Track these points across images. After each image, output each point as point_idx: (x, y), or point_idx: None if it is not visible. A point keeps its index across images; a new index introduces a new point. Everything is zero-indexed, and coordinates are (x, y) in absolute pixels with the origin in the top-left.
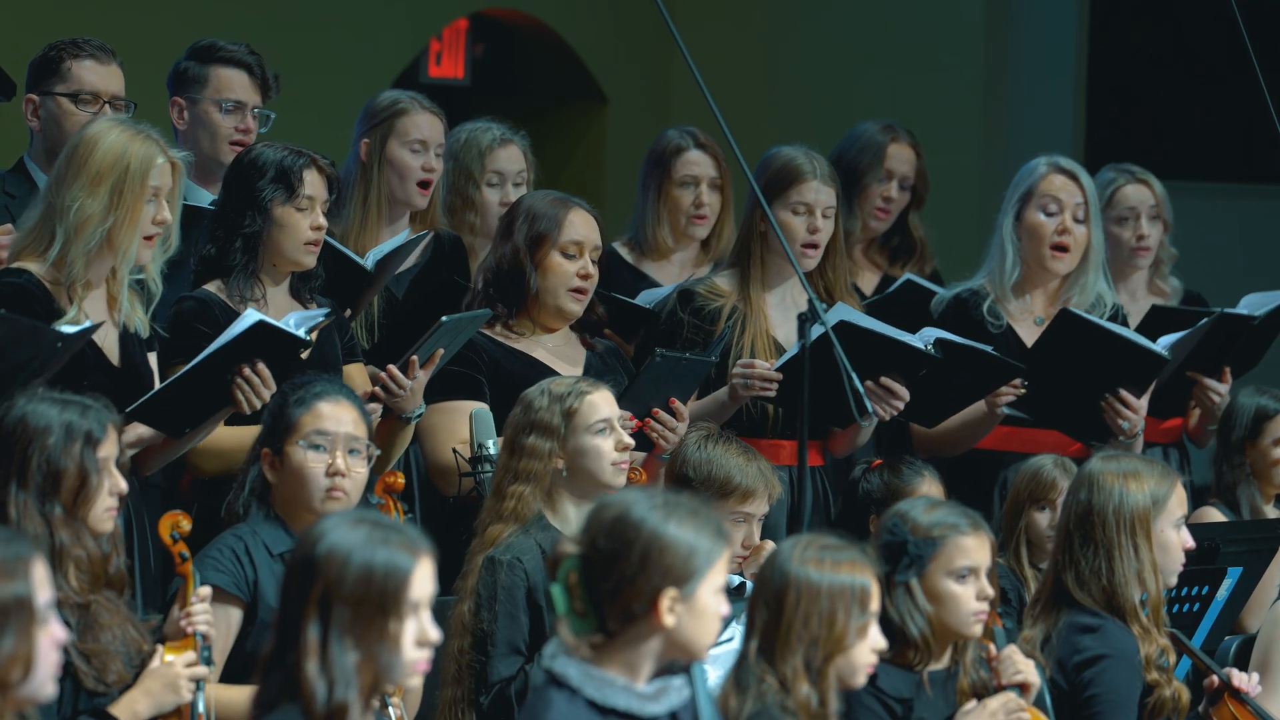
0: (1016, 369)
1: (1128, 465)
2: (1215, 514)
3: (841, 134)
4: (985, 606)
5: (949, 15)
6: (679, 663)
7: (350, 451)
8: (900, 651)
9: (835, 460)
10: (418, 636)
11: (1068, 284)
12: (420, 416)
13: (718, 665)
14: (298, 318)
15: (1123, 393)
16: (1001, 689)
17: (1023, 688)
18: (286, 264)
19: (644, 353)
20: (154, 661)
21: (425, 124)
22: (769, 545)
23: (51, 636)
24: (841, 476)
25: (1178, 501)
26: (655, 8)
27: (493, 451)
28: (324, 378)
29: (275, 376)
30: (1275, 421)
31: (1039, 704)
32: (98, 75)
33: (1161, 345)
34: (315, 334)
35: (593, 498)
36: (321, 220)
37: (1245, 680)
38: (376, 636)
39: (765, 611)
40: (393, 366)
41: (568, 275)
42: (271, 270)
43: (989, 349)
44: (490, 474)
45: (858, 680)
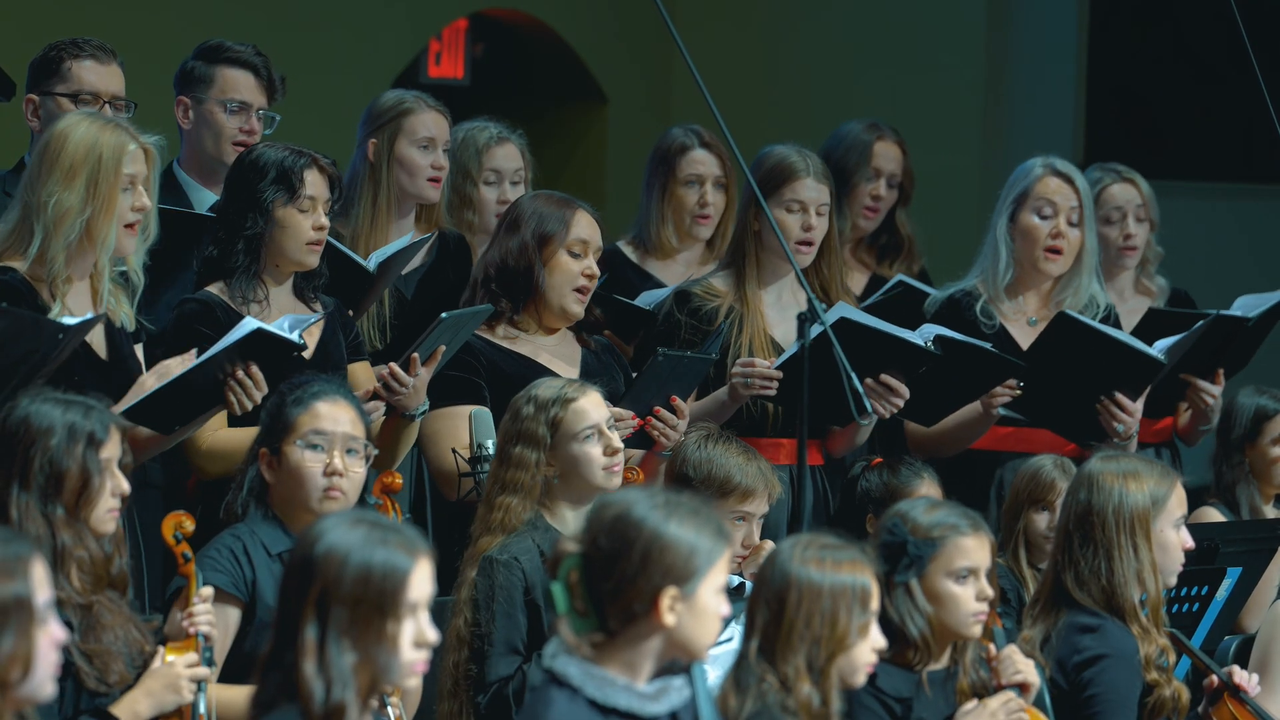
0: (1016, 366)
1: (1127, 465)
2: (1214, 514)
3: None
4: (984, 607)
5: (949, 15)
6: (679, 663)
7: (348, 451)
8: (900, 651)
9: (833, 459)
10: (416, 637)
11: (1060, 286)
12: (424, 414)
13: (717, 665)
14: (291, 320)
15: (1118, 395)
16: (1001, 689)
17: (1022, 688)
18: (289, 264)
19: (643, 354)
20: (155, 662)
21: (432, 122)
22: (768, 545)
23: (51, 636)
24: (841, 476)
25: (1177, 501)
26: (655, 7)
27: (491, 452)
28: (321, 377)
29: (270, 378)
30: (1274, 421)
31: (1039, 704)
32: (97, 75)
33: (1158, 349)
34: (306, 336)
35: (588, 501)
36: (324, 220)
37: (1245, 678)
38: (374, 637)
39: (766, 611)
40: (394, 364)
41: (573, 274)
42: (274, 271)
43: (988, 346)
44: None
45: (858, 680)
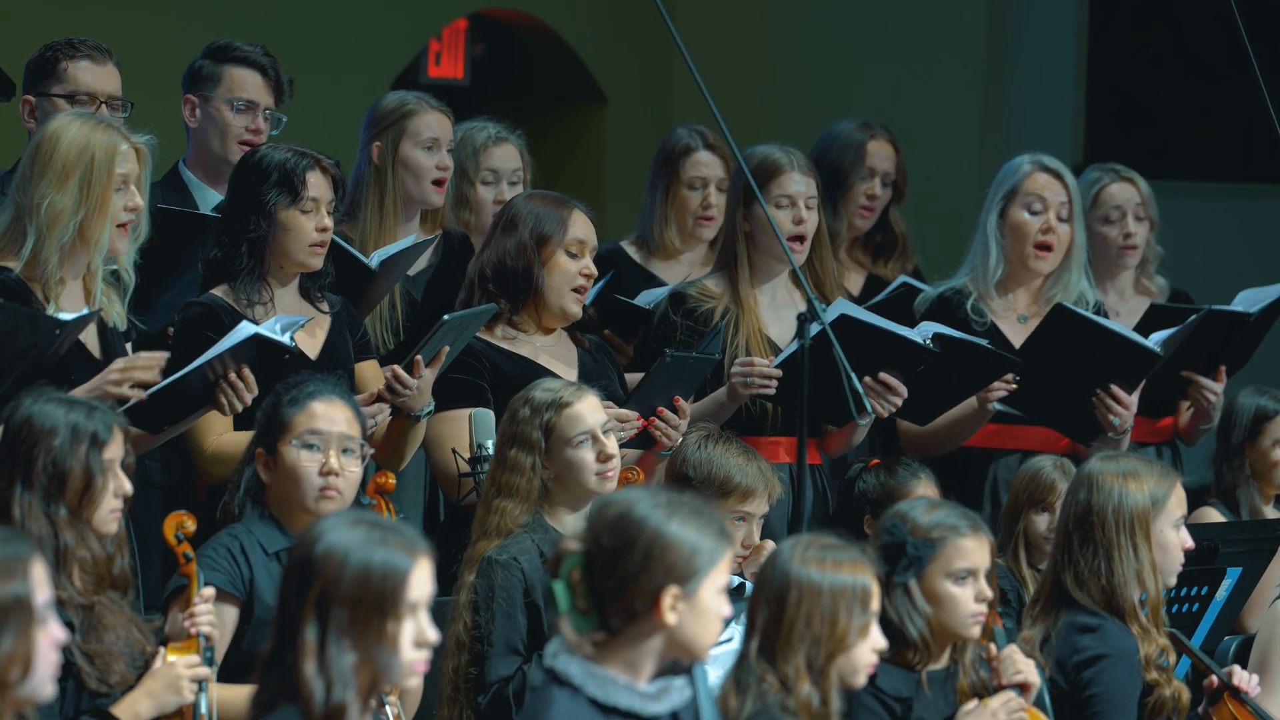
0: (1012, 363)
1: (1127, 465)
2: (1214, 514)
3: None
4: (984, 608)
5: (949, 14)
6: (680, 663)
7: (344, 451)
8: (899, 651)
9: (831, 459)
10: (416, 637)
11: (1050, 282)
12: (430, 414)
13: (717, 665)
14: (283, 322)
15: (1114, 389)
16: (1002, 689)
17: (1023, 687)
18: (293, 266)
19: (642, 354)
20: (156, 662)
21: (435, 123)
22: (769, 545)
23: (50, 637)
24: (838, 476)
25: (1177, 502)
26: (655, 7)
27: (491, 452)
28: (317, 377)
29: (263, 381)
30: (1275, 422)
31: (1039, 704)
32: (93, 76)
33: (1153, 341)
34: (310, 337)
35: (584, 504)
36: (327, 221)
37: (1245, 678)
38: (374, 637)
39: (766, 611)
40: (397, 367)
41: (572, 275)
42: (279, 272)
43: (985, 343)
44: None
45: (858, 680)
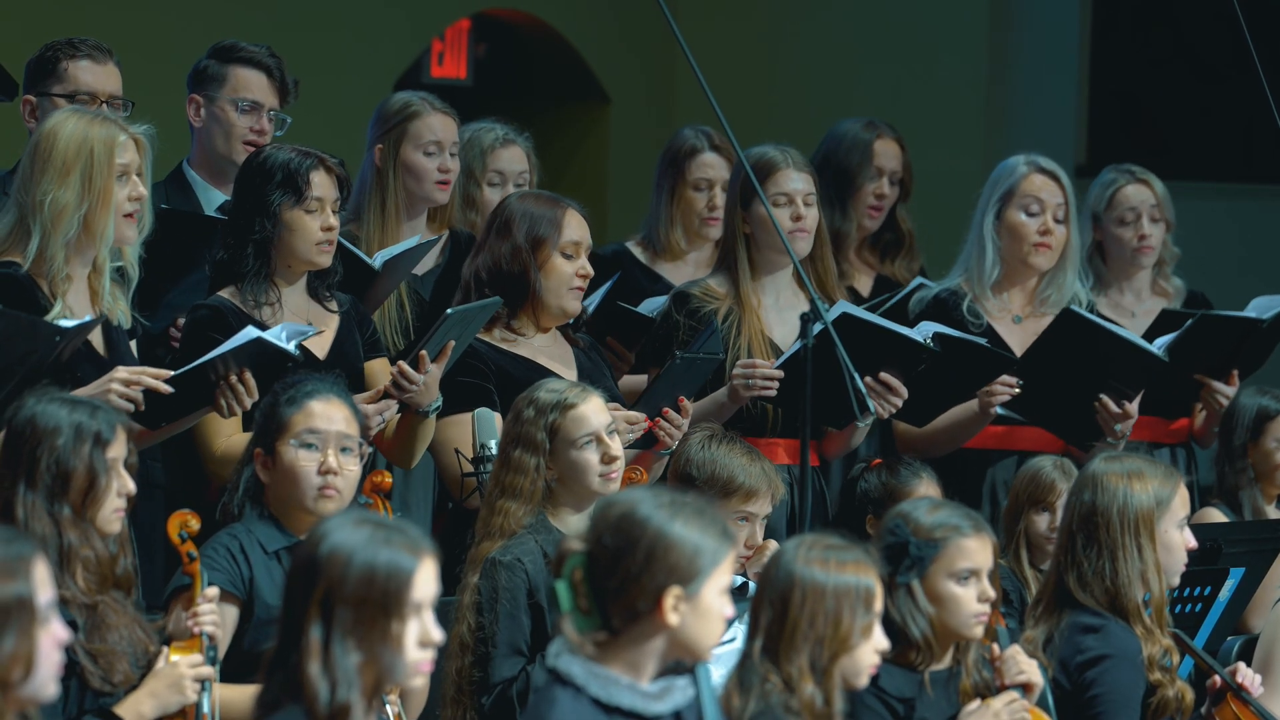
0: (1010, 362)
1: (1131, 465)
2: (1217, 514)
3: None
4: (986, 608)
5: (951, 14)
6: (683, 663)
7: (342, 449)
8: (902, 652)
9: (828, 461)
10: (420, 637)
11: (1044, 283)
12: (438, 409)
13: (720, 665)
14: (289, 330)
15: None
16: (1004, 689)
17: (1026, 688)
18: (301, 265)
19: (646, 355)
20: (159, 662)
21: (438, 125)
22: (772, 545)
23: (53, 636)
24: (837, 477)
25: (1181, 502)
26: (657, 7)
27: (494, 452)
28: (314, 376)
29: (264, 385)
30: (1277, 422)
31: (1042, 704)
32: (94, 75)
33: (1157, 346)
34: (317, 338)
35: (587, 505)
36: (332, 220)
37: (1249, 678)
38: (379, 637)
39: (770, 611)
40: (402, 363)
41: (568, 276)
42: (286, 272)
43: (984, 342)
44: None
45: (861, 681)
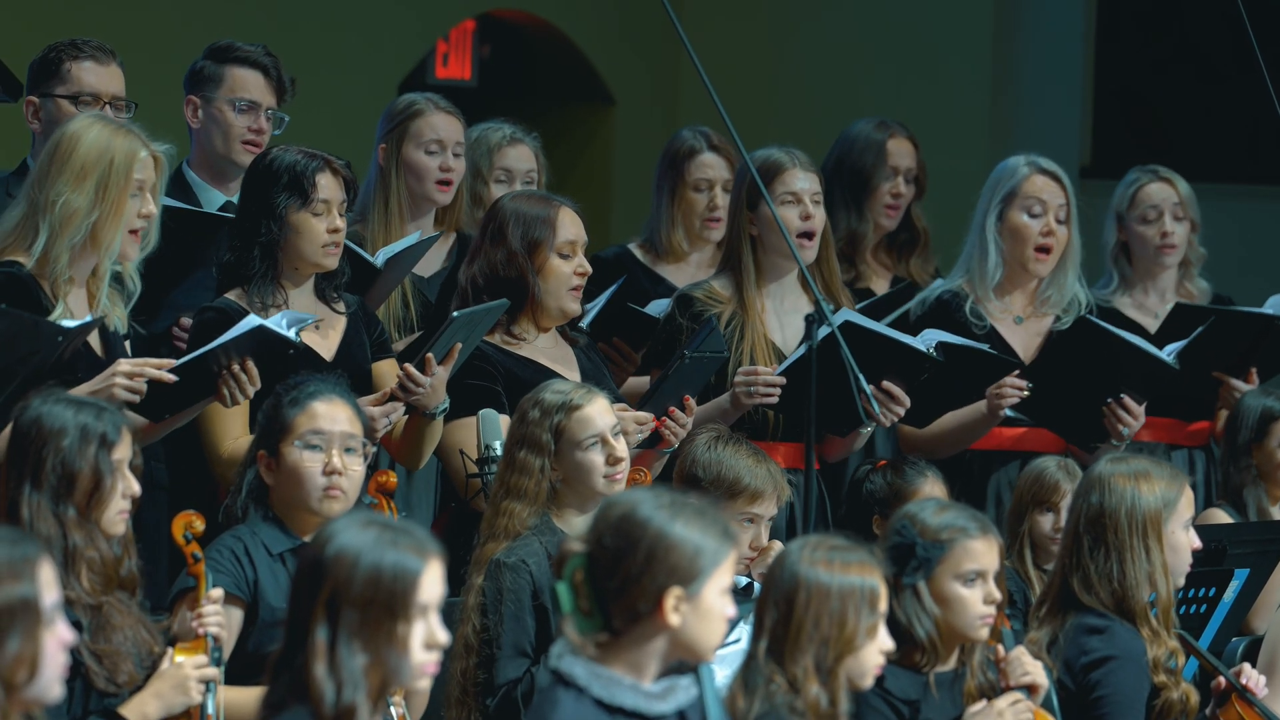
0: (1012, 365)
1: (1138, 467)
2: (1222, 515)
3: None
4: (992, 610)
5: (956, 16)
6: (686, 664)
7: (347, 450)
8: (907, 653)
9: (827, 464)
10: (426, 639)
11: (1045, 284)
12: (445, 411)
13: (725, 666)
14: (290, 318)
15: (1125, 398)
16: (1009, 690)
17: (1031, 689)
18: (308, 267)
19: (650, 357)
20: (164, 663)
21: (440, 124)
22: (777, 546)
23: (58, 638)
24: (835, 480)
25: (1186, 503)
26: (662, 8)
27: (499, 453)
28: (316, 377)
29: (267, 376)
30: None
31: (1047, 705)
32: (97, 76)
33: (1167, 353)
34: (323, 339)
35: (592, 506)
36: (339, 223)
37: (1253, 679)
38: (385, 639)
39: (774, 612)
40: (409, 365)
41: (567, 276)
42: (293, 274)
43: (987, 347)
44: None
45: (866, 682)
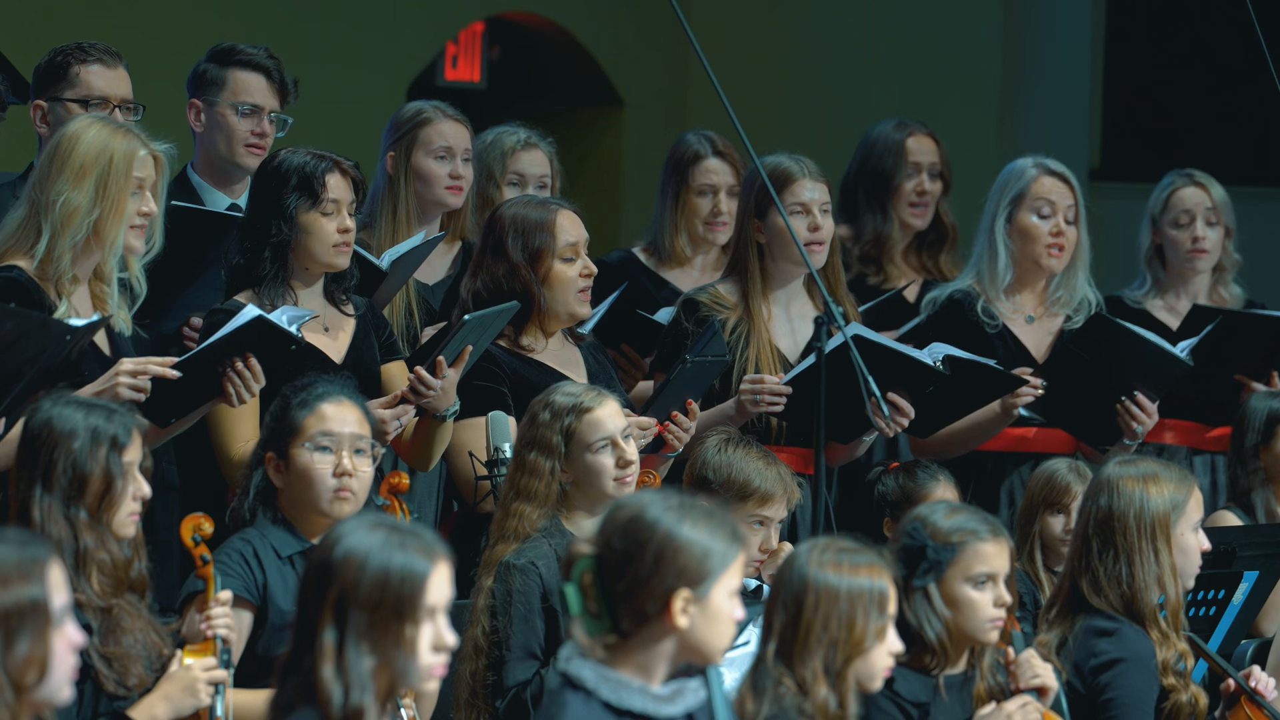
0: (1019, 381)
1: (1147, 469)
2: (1231, 518)
3: (857, 139)
4: (1002, 613)
5: (966, 19)
6: (695, 666)
7: (356, 451)
8: (916, 656)
9: (828, 469)
10: (434, 641)
11: (1055, 284)
12: (455, 414)
13: (734, 668)
14: (290, 314)
15: (1139, 396)
16: (1019, 692)
17: (1040, 691)
18: (319, 267)
19: (655, 367)
20: (173, 665)
21: (449, 131)
22: (787, 547)
23: (67, 640)
24: (837, 484)
25: (1195, 505)
26: (672, 11)
27: (509, 455)
28: (324, 378)
29: (269, 371)
30: None
31: (1056, 708)
32: (105, 79)
33: (1181, 349)
34: (333, 339)
35: (601, 509)
36: (348, 222)
37: (1263, 680)
38: (392, 641)
39: (783, 614)
40: (420, 368)
41: (573, 280)
42: (304, 274)
43: (994, 363)
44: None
45: (875, 684)
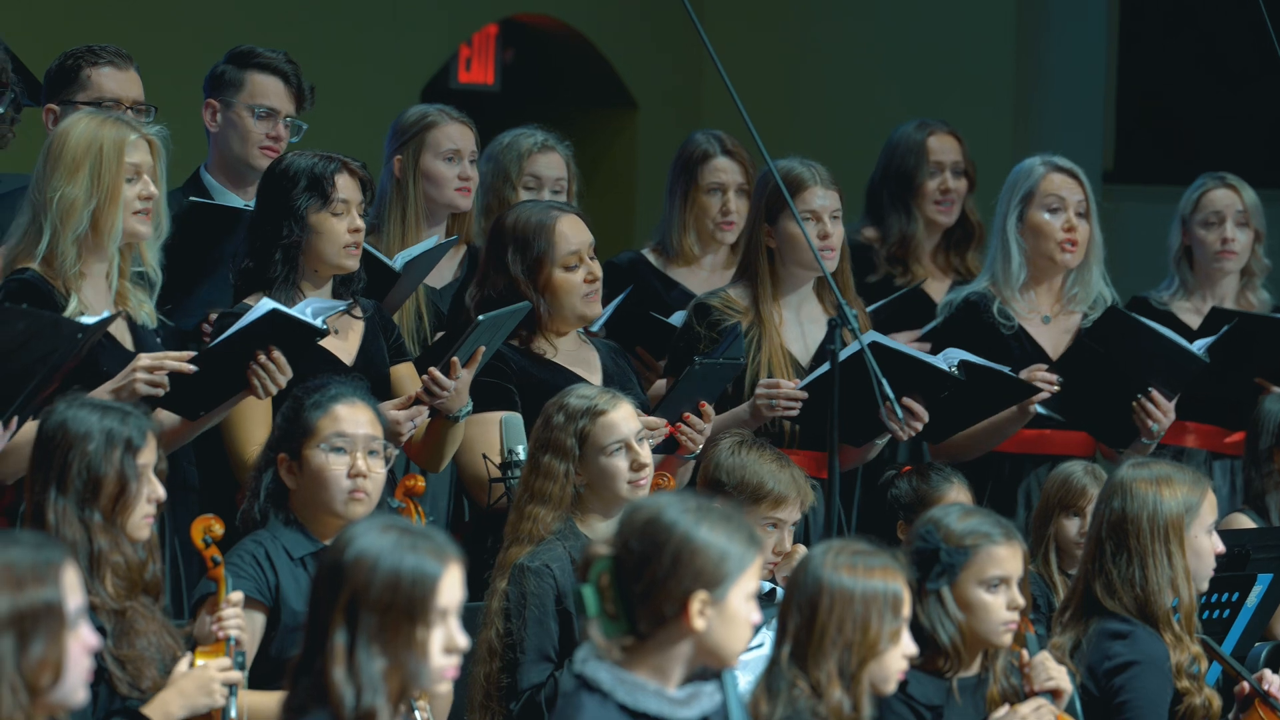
0: (1034, 389)
1: (1160, 471)
2: (1245, 520)
3: (869, 142)
4: (1015, 616)
5: (978, 25)
6: (710, 670)
7: (369, 452)
8: (930, 659)
9: (844, 471)
10: (445, 643)
11: (1071, 280)
12: (468, 415)
13: (748, 671)
14: (315, 306)
15: (1154, 393)
16: (1033, 695)
17: (1055, 694)
18: (328, 269)
19: (670, 369)
20: (182, 665)
21: (456, 134)
22: (800, 550)
23: (82, 642)
24: (853, 486)
25: (1209, 507)
26: (685, 12)
27: (522, 457)
28: (336, 379)
29: (294, 364)
30: None
31: (1070, 710)
32: (117, 82)
33: (1197, 347)
34: (343, 341)
35: (615, 511)
36: (359, 223)
37: (1276, 683)
38: (404, 643)
39: (798, 617)
40: (434, 369)
41: (576, 285)
42: (313, 276)
43: (1008, 370)
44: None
45: (889, 687)
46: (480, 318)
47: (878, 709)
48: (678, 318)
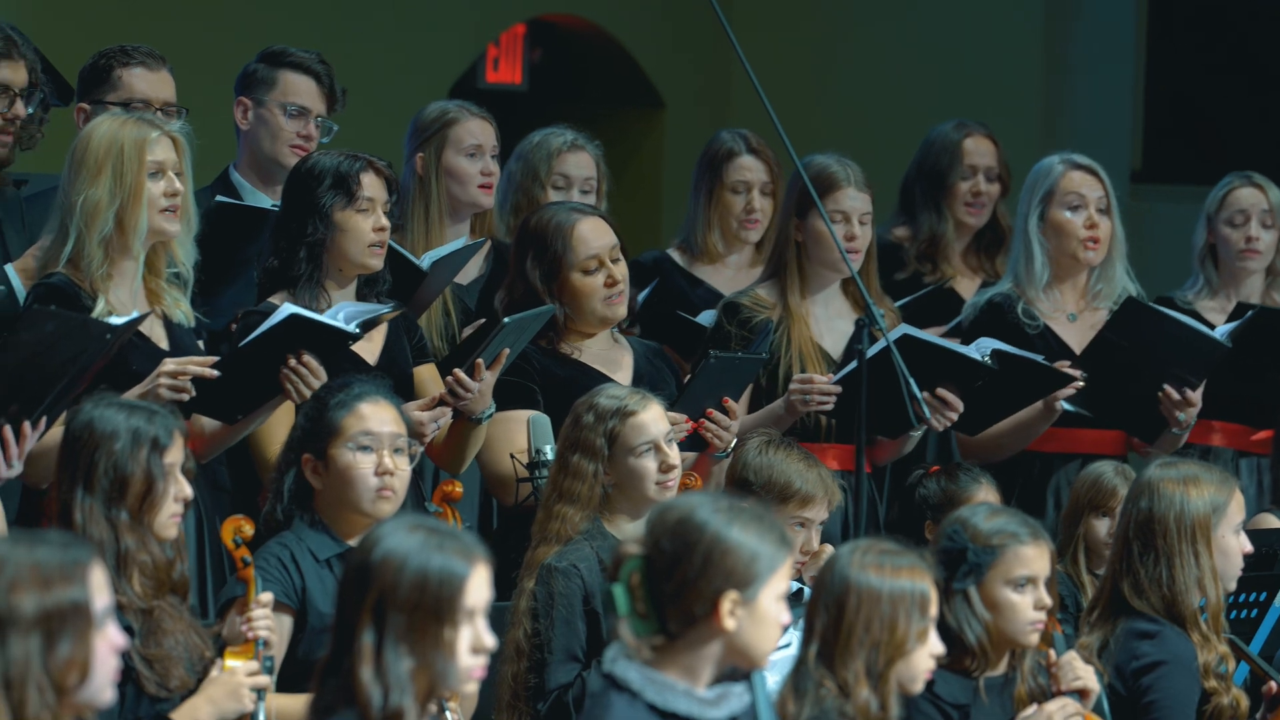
0: (1067, 378)
1: (1187, 471)
2: (1273, 520)
3: (897, 140)
4: (1042, 616)
5: (1006, 20)
6: (739, 670)
7: (395, 450)
8: (957, 658)
9: (878, 467)
10: (473, 643)
11: (1095, 277)
12: (491, 416)
13: (775, 670)
14: (347, 311)
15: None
16: (1060, 694)
17: (1082, 693)
18: (353, 268)
19: (696, 364)
20: (214, 669)
21: (478, 130)
22: (828, 549)
23: (109, 642)
24: (883, 483)
25: (1237, 507)
26: (712, 12)
27: (550, 457)
28: (359, 378)
29: (326, 367)
30: None
31: (1098, 710)
32: (148, 83)
33: (1219, 334)
34: (368, 341)
35: (643, 512)
36: (384, 221)
37: None
38: (431, 643)
39: (825, 616)
40: (458, 370)
41: (596, 289)
42: (338, 275)
43: (1042, 359)
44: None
45: (916, 686)
46: (505, 320)
47: (905, 709)
48: (705, 317)
